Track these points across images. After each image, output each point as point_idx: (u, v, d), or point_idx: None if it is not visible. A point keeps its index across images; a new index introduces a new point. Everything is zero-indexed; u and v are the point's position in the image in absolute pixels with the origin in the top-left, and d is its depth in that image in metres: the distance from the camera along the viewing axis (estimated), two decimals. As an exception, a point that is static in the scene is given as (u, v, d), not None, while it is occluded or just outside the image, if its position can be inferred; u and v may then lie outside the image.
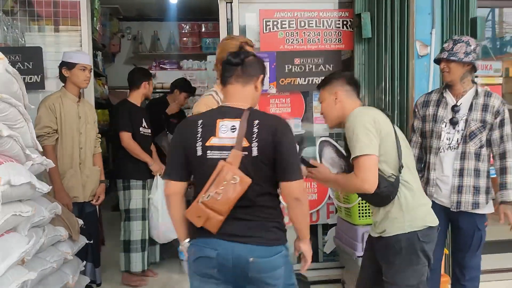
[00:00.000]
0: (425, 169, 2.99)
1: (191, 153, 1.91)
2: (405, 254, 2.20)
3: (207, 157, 1.89)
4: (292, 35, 3.88)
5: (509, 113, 4.38)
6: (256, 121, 1.89)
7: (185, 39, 7.29)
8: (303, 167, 2.39)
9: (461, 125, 2.83)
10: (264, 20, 3.84)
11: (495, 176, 2.92)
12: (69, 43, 3.72)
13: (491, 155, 2.90)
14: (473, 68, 2.85)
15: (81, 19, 3.72)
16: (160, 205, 3.86)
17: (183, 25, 7.29)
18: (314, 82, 3.92)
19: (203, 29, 7.25)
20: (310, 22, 3.90)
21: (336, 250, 3.92)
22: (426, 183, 2.94)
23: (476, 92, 2.85)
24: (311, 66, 3.90)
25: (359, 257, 3.21)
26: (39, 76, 3.61)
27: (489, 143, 2.85)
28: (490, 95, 2.85)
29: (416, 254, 2.21)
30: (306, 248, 2.03)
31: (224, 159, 1.86)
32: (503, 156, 2.82)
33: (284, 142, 1.88)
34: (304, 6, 3.91)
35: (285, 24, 3.87)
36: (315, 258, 4.11)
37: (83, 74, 3.36)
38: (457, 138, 2.84)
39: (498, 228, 3.03)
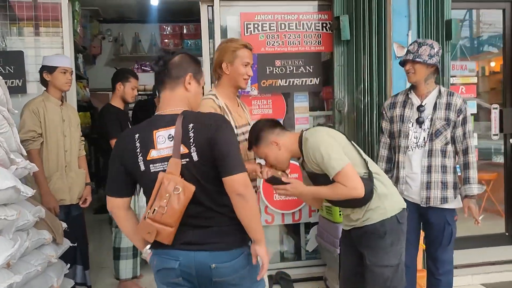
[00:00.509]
0: (395, 168, 3.09)
1: (134, 170, 1.87)
2: (388, 237, 2.36)
3: (151, 171, 1.84)
4: (273, 37, 3.95)
5: (485, 111, 4.56)
6: (191, 125, 1.82)
7: (166, 40, 7.29)
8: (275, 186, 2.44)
9: (427, 124, 2.95)
10: (245, 22, 3.90)
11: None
12: (51, 46, 3.72)
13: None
14: (436, 70, 3.00)
15: (63, 22, 3.71)
16: None
17: (164, 26, 7.29)
18: (295, 84, 3.99)
19: (184, 31, 7.26)
20: (290, 24, 3.97)
21: (318, 248, 4.00)
22: (396, 181, 3.04)
23: (439, 92, 2.99)
24: (291, 68, 3.97)
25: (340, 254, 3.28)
26: (21, 80, 3.60)
27: (453, 140, 2.98)
28: (452, 94, 3.00)
29: (397, 236, 2.39)
30: (262, 252, 1.89)
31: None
32: (466, 152, 2.96)
33: (220, 138, 1.82)
34: (284, 9, 3.98)
35: (265, 26, 3.93)
36: (298, 257, 4.23)
37: (64, 77, 3.36)
38: (424, 137, 2.95)
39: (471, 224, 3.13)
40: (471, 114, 4.23)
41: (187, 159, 1.81)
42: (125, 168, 1.89)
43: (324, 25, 4.01)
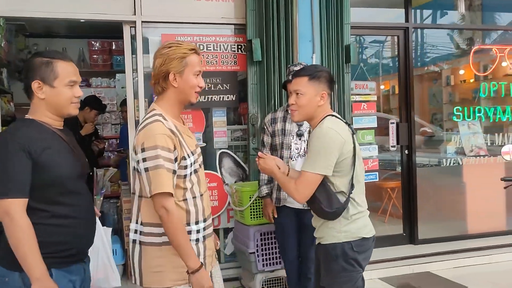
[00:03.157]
0: None
1: None
2: (340, 261, 2.32)
3: None
4: (192, 57, 4.27)
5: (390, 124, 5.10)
6: None
7: (95, 56, 7.38)
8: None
9: (306, 136, 3.36)
10: (166, 43, 4.21)
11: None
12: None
13: None
14: None
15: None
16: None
17: (93, 42, 7.40)
18: (213, 100, 4.35)
19: (113, 47, 7.40)
20: (209, 46, 4.33)
21: (235, 251, 4.32)
22: (278, 189, 3.39)
23: None
24: (210, 85, 4.32)
25: (251, 253, 3.64)
26: None
27: None
28: None
29: (349, 263, 2.32)
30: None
31: None
32: None
33: None
34: (203, 31, 4.34)
35: (185, 47, 4.25)
36: (218, 260, 4.52)
37: None
38: (304, 147, 3.36)
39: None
40: (371, 128, 4.85)
41: None
42: None
43: (239, 47, 4.41)
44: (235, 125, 4.61)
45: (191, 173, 2.09)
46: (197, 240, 2.11)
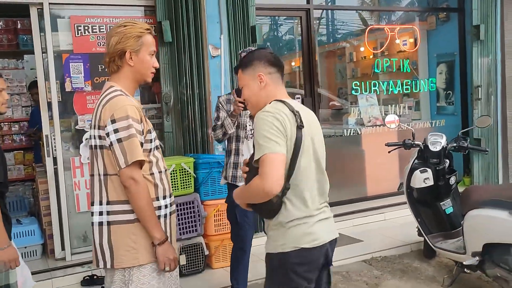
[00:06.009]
0: (233, 155, 3.47)
1: None
2: (277, 272, 2.06)
3: None
4: (103, 38, 4.36)
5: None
6: None
7: (-1, 36, 7.09)
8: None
9: None
10: (76, 25, 4.25)
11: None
12: None
13: None
14: None
15: None
16: None
17: (-5, 21, 7.08)
18: (126, 80, 4.46)
19: (19, 26, 7.13)
20: (119, 27, 4.42)
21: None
22: (234, 167, 3.48)
23: None
24: (122, 65, 4.42)
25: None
26: None
27: None
28: None
29: (286, 275, 2.02)
30: None
31: None
32: None
33: None
34: (113, 13, 4.42)
35: (95, 28, 4.33)
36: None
37: None
38: None
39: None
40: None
41: None
42: None
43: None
44: (150, 104, 4.77)
45: (154, 147, 2.10)
46: (165, 216, 2.12)
